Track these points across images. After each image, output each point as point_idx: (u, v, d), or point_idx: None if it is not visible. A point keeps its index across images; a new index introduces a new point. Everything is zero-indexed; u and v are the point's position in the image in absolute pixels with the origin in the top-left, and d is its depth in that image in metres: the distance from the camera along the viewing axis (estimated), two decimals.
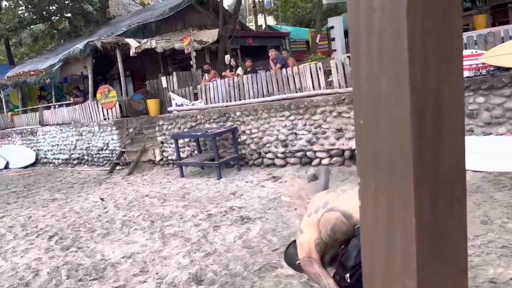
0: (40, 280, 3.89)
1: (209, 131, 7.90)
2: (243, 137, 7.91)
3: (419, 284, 0.75)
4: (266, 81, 8.02)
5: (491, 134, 5.51)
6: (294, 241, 2.46)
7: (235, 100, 8.48)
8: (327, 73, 7.58)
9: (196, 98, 9.34)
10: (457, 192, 0.78)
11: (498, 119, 5.44)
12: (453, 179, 0.77)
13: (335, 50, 13.63)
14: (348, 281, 2.01)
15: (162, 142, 9.35)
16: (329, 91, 6.97)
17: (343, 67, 6.99)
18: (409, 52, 0.69)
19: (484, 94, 5.49)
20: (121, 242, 4.74)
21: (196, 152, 8.71)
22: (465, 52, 5.91)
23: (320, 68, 7.23)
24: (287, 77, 7.71)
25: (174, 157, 9.04)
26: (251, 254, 3.90)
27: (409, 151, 0.72)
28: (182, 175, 8.19)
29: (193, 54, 10.34)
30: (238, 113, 7.93)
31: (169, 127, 9.19)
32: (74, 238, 5.11)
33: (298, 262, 2.26)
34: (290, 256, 2.40)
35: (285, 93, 7.65)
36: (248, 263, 3.68)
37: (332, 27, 14.11)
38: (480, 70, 5.58)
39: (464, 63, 5.87)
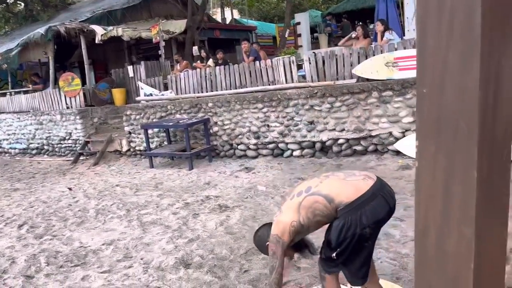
0: (18, 267, 3.77)
1: (180, 121, 7.86)
2: (215, 128, 7.93)
3: (477, 231, 0.87)
4: (239, 73, 8.07)
5: None
6: (265, 224, 2.55)
7: (207, 91, 8.48)
8: (298, 67, 7.75)
9: (166, 88, 9.23)
10: (506, 152, 0.90)
11: None
12: (504, 141, 0.89)
13: (301, 46, 13.86)
14: (335, 258, 2.16)
15: (130, 133, 9.18)
16: (301, 84, 7.14)
17: (316, 62, 7.18)
18: (482, 28, 0.80)
19: None
20: (99, 230, 4.67)
21: (165, 143, 8.63)
22: None
23: (293, 62, 7.39)
24: (260, 69, 7.81)
25: (142, 148, 8.91)
26: (235, 239, 3.99)
27: (475, 115, 0.83)
28: (152, 166, 8.10)
29: (162, 43, 10.20)
30: (210, 104, 7.94)
31: (138, 117, 9.03)
32: (46, 227, 4.96)
33: (267, 243, 2.35)
34: (261, 238, 2.47)
35: (258, 86, 7.74)
36: (233, 248, 3.76)
37: (298, 23, 14.31)
38: None
39: None
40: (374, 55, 6.65)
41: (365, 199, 2.08)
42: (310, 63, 7.22)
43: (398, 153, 6.26)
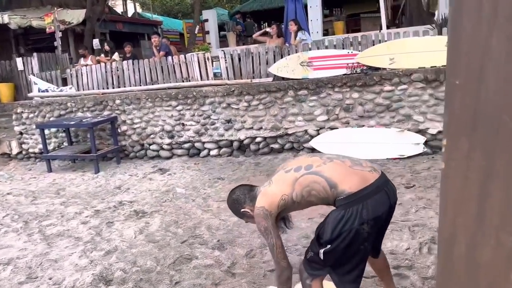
0: None
1: (84, 120, 7.14)
2: (124, 128, 7.36)
3: None
4: (150, 68, 7.59)
5: (363, 126, 6.20)
6: (241, 186, 2.39)
7: (113, 88, 7.84)
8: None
9: (65, 84, 8.33)
10: None
11: (369, 113, 6.15)
12: None
13: (209, 43, 13.66)
14: (322, 258, 2.02)
15: (21, 133, 8.11)
16: (218, 82, 6.96)
17: (232, 59, 7.05)
18: None
19: (358, 91, 6.15)
20: None
21: (66, 144, 7.78)
22: (342, 52, 6.54)
23: (208, 58, 7.16)
24: (173, 65, 7.43)
25: (37, 150, 7.94)
26: (159, 248, 3.66)
27: None
28: (50, 170, 7.23)
29: (59, 34, 9.20)
30: (117, 101, 7.34)
31: (31, 115, 8.01)
32: None
33: (243, 210, 2.24)
34: (237, 201, 2.30)
35: (171, 82, 7.36)
36: (158, 258, 3.44)
37: (206, 20, 14.10)
38: (356, 68, 6.23)
39: (341, 61, 6.48)
40: (289, 54, 6.73)
41: (369, 192, 1.97)
42: (226, 60, 7.06)
43: (313, 150, 6.41)
